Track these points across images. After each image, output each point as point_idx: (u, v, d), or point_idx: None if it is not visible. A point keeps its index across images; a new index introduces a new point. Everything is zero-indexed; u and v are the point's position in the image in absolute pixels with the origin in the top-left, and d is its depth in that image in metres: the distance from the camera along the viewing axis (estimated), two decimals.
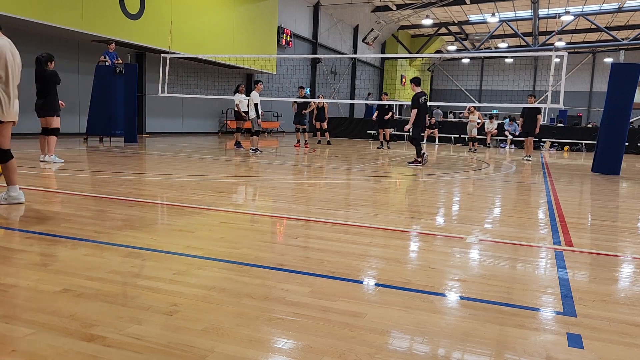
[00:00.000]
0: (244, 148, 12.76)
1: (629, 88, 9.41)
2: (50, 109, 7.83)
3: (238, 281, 2.62)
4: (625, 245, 3.88)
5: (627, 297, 2.64)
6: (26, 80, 13.50)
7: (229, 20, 19.14)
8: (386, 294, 2.53)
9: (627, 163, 12.96)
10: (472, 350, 1.93)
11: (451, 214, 5.06)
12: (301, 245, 3.42)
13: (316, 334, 2.02)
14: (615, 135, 9.53)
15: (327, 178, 7.56)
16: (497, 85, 38.32)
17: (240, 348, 1.87)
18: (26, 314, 2.09)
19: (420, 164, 9.99)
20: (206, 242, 3.43)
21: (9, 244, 3.15)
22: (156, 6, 15.53)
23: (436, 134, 20.47)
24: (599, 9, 27.94)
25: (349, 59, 31.14)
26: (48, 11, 12.29)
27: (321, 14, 27.75)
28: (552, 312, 2.40)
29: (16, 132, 14.01)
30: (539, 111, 12.54)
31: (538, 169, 10.72)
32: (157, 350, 1.82)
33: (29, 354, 1.76)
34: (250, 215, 4.42)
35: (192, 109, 19.87)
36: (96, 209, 4.40)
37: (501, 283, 2.77)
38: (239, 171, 8.34)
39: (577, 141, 19.47)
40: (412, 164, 10.09)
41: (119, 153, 10.18)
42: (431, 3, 26.48)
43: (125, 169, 7.49)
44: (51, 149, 7.90)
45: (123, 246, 3.22)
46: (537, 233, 4.17)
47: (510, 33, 32.33)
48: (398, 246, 3.57)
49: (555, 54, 11.36)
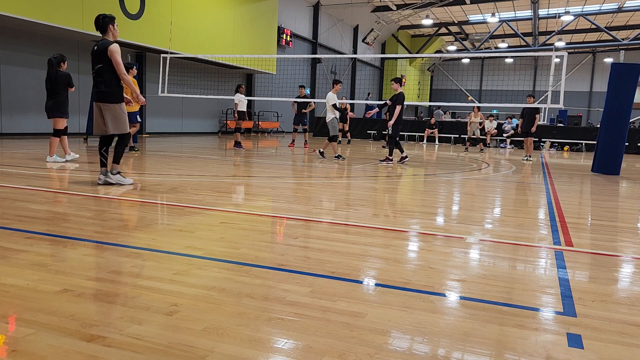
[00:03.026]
0: (244, 148, 12.75)
1: (629, 88, 9.41)
2: (57, 110, 7.80)
3: (238, 281, 2.62)
4: (625, 245, 3.88)
5: (627, 297, 2.64)
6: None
7: (229, 20, 19.14)
8: (386, 294, 2.53)
9: (627, 163, 12.96)
10: (472, 350, 1.93)
11: (451, 214, 5.06)
12: (301, 245, 3.42)
13: (316, 334, 2.02)
14: (615, 135, 9.53)
15: (327, 178, 7.56)
16: (497, 85, 38.34)
17: (240, 348, 1.87)
18: (26, 314, 2.09)
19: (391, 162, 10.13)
20: (206, 242, 3.43)
21: (9, 244, 3.15)
22: (156, 6, 15.53)
23: (436, 134, 20.47)
24: (599, 9, 27.95)
25: (349, 59, 31.15)
26: (48, 11, 12.29)
27: (321, 14, 27.75)
28: (552, 312, 2.40)
29: (26, 132, 14.02)
30: (537, 111, 12.59)
31: (538, 169, 10.72)
32: (157, 350, 1.82)
33: (29, 354, 1.76)
34: (250, 215, 4.42)
35: (192, 109, 19.87)
36: (96, 209, 4.40)
37: (501, 283, 2.77)
38: (239, 171, 8.34)
39: (577, 141, 19.48)
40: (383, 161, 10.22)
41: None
42: (431, 3, 26.49)
43: (125, 169, 7.49)
44: (53, 150, 7.91)
45: (123, 246, 3.22)
46: (537, 233, 4.17)
47: (510, 33, 32.35)
48: (398, 246, 3.57)
49: (555, 54, 11.37)
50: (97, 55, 5.61)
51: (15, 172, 6.60)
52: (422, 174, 8.98)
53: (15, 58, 13.45)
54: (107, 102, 5.66)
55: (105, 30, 5.66)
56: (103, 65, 5.57)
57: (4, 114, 13.37)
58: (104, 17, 5.66)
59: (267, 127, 24.06)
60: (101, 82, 5.63)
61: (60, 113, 7.85)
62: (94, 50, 5.67)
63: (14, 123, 13.62)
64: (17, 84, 13.54)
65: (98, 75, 5.65)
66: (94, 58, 5.67)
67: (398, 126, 10.15)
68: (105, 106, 5.67)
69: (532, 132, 12.61)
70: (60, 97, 7.78)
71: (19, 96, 13.60)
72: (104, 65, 5.57)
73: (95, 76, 5.67)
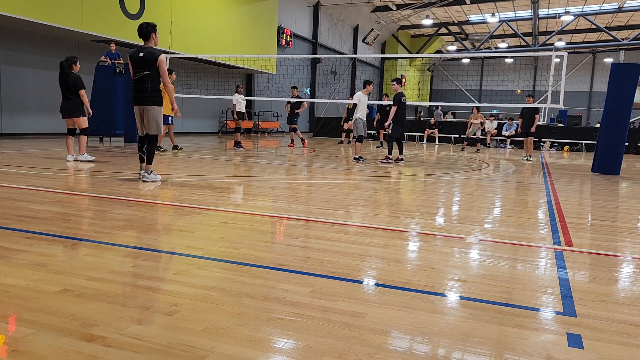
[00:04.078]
0: (244, 148, 12.75)
1: (629, 88, 9.41)
2: (75, 111, 8.03)
3: (238, 281, 2.62)
4: (625, 245, 3.88)
5: (627, 297, 2.64)
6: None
7: (229, 20, 19.14)
8: (386, 294, 2.53)
9: (627, 163, 12.96)
10: (472, 350, 1.93)
11: (451, 214, 5.06)
12: (301, 245, 3.42)
13: (316, 334, 2.02)
14: (615, 135, 9.53)
15: (327, 178, 7.55)
16: (497, 85, 38.32)
17: (240, 348, 1.87)
18: (26, 314, 2.09)
19: (392, 162, 10.13)
20: (206, 242, 3.43)
21: (9, 244, 3.15)
22: (156, 6, 15.54)
23: (436, 134, 20.47)
24: (599, 9, 27.95)
25: (349, 59, 31.15)
26: (48, 11, 12.29)
27: (321, 14, 27.75)
28: (552, 312, 2.40)
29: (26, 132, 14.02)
30: (537, 111, 12.58)
31: (538, 169, 10.72)
32: (157, 350, 1.82)
33: (29, 354, 1.76)
34: (250, 215, 4.42)
35: (192, 109, 19.86)
36: (96, 209, 4.40)
37: (501, 283, 2.77)
38: (239, 171, 8.34)
39: (577, 141, 19.47)
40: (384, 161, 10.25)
41: (119, 153, 10.19)
42: (431, 3, 26.49)
43: (125, 169, 7.49)
44: (82, 149, 8.21)
45: (123, 246, 3.22)
46: (537, 233, 4.17)
47: (510, 33, 32.34)
48: (398, 246, 3.57)
49: (555, 54, 11.37)
50: (143, 62, 6.00)
51: (15, 172, 6.61)
52: (422, 174, 8.98)
53: (15, 58, 13.45)
54: (151, 105, 6.09)
55: (148, 38, 6.07)
56: (150, 72, 6.01)
57: (4, 114, 13.37)
58: (147, 26, 6.07)
59: (267, 127, 24.05)
60: (145, 87, 6.05)
61: (79, 113, 8.09)
62: (138, 56, 6.01)
63: (14, 123, 13.62)
64: (17, 84, 13.54)
65: (142, 81, 6.05)
66: (137, 63, 6.03)
67: (399, 126, 10.15)
68: (148, 108, 6.10)
69: (532, 132, 12.62)
70: (75, 98, 8.00)
71: (19, 96, 13.60)
72: (151, 72, 6.02)
73: (138, 81, 6.07)
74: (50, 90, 14.36)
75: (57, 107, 8.17)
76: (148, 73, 6.01)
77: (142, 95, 6.08)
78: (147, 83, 6.03)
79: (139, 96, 6.11)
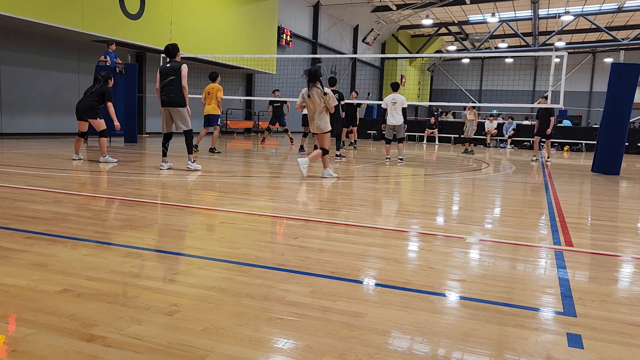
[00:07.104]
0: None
1: (629, 88, 9.40)
2: (91, 112, 8.31)
3: (238, 281, 2.62)
4: (625, 245, 3.88)
5: (627, 297, 2.64)
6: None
7: (229, 20, 19.13)
8: (386, 294, 2.53)
9: (627, 163, 12.96)
10: (472, 350, 1.93)
11: (451, 214, 5.06)
12: (301, 245, 3.42)
13: (316, 334, 2.02)
14: (615, 135, 9.53)
15: (327, 178, 7.55)
16: (497, 85, 38.30)
17: (240, 348, 1.87)
18: (26, 314, 2.09)
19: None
20: (206, 242, 3.43)
21: (9, 244, 3.15)
22: (156, 6, 15.53)
23: (436, 134, 20.48)
24: (599, 9, 27.94)
25: (349, 59, 31.13)
26: (48, 11, 12.28)
27: (321, 14, 27.74)
28: (552, 312, 2.40)
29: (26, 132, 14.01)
30: (551, 113, 12.38)
31: (538, 169, 10.72)
32: (157, 350, 1.82)
33: (29, 354, 1.76)
34: (250, 215, 4.42)
35: (192, 109, 19.80)
36: (96, 209, 4.41)
37: (501, 283, 2.77)
38: (239, 171, 8.34)
39: (577, 141, 19.47)
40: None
41: (119, 153, 10.19)
42: (431, 3, 26.48)
43: (125, 169, 7.50)
44: (103, 150, 8.37)
45: (123, 246, 3.22)
46: (537, 233, 4.17)
47: (510, 33, 32.33)
48: (398, 246, 3.57)
49: (555, 54, 11.36)
50: (171, 70, 7.22)
51: (15, 172, 6.60)
52: (422, 174, 8.98)
53: (15, 58, 13.44)
54: (177, 107, 7.30)
55: (174, 56, 7.39)
56: (175, 78, 7.19)
57: (4, 114, 13.36)
58: (173, 47, 7.37)
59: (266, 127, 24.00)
60: (172, 90, 7.21)
61: (95, 115, 8.31)
62: (166, 67, 7.27)
63: (14, 123, 13.62)
64: (17, 84, 13.53)
65: (169, 85, 7.20)
66: (166, 73, 7.22)
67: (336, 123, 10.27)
68: (175, 109, 7.32)
69: (548, 134, 12.40)
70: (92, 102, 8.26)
71: (19, 96, 13.59)
72: (176, 77, 7.19)
73: (166, 86, 7.22)
74: (50, 90, 14.36)
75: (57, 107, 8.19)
76: (174, 78, 7.17)
77: (167, 98, 7.24)
78: (173, 86, 7.18)
79: (167, 100, 7.24)
